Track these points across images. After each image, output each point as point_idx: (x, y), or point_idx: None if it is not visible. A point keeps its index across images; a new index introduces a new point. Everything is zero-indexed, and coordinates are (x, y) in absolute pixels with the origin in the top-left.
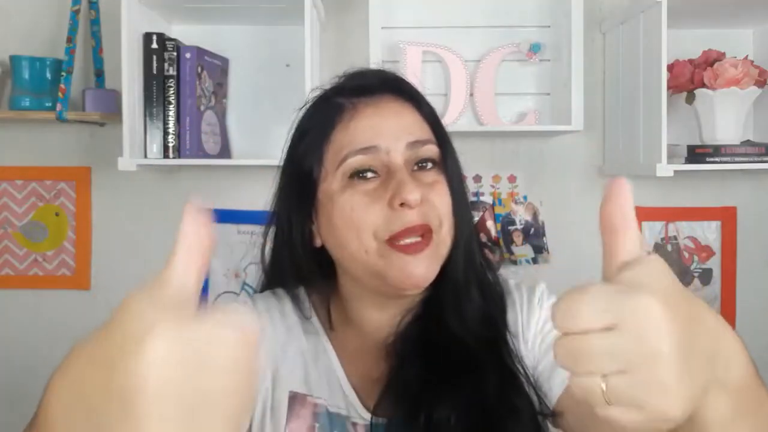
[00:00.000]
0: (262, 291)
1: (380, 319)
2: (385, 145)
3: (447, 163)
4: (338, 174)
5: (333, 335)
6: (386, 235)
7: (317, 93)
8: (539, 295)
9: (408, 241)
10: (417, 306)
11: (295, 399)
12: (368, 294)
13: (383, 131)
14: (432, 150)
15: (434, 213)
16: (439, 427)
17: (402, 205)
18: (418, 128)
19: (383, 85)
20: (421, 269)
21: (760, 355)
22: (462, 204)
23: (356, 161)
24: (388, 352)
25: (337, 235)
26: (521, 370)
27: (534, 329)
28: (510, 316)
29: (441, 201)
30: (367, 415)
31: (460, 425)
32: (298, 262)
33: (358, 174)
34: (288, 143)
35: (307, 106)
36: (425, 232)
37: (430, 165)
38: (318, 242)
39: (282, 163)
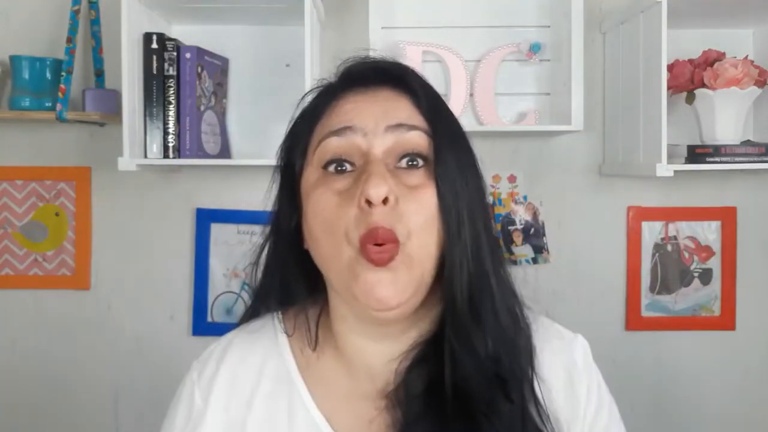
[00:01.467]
0: (250, 313)
1: (373, 352)
2: (361, 125)
3: (444, 164)
4: (314, 162)
5: (312, 374)
6: (356, 238)
7: (313, 86)
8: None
9: (373, 247)
10: (419, 346)
11: None
12: (354, 315)
13: (362, 111)
14: (420, 140)
15: (402, 222)
16: None
17: (369, 203)
18: (406, 114)
19: (379, 74)
20: (386, 290)
21: (760, 355)
22: (462, 220)
23: (329, 145)
24: (388, 401)
25: (315, 237)
26: (544, 425)
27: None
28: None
29: (414, 210)
30: None
31: None
32: (290, 268)
33: (334, 165)
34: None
35: (302, 101)
36: (388, 240)
37: (420, 163)
38: (307, 243)
39: (278, 158)
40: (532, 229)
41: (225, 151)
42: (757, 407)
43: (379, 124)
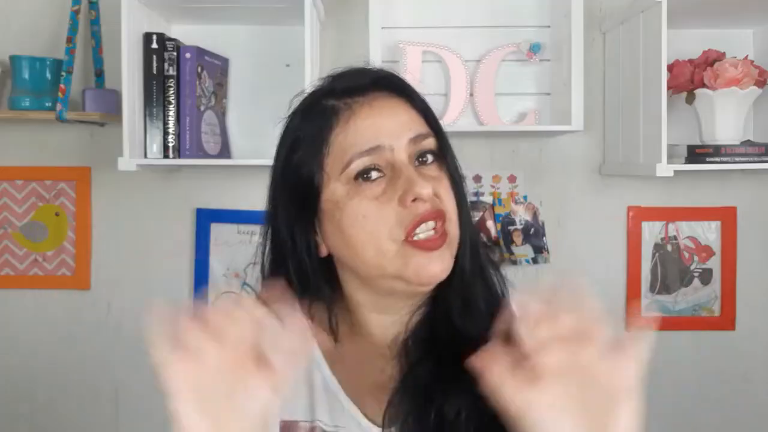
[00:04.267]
0: None
1: (386, 322)
2: (388, 143)
3: (446, 155)
4: (342, 178)
5: (330, 349)
6: (402, 233)
7: (305, 98)
8: None
9: (423, 235)
10: (424, 304)
11: (286, 428)
12: (377, 298)
13: (383, 130)
14: (432, 142)
15: (443, 206)
16: (449, 424)
17: (414, 200)
18: (416, 123)
19: (374, 83)
20: (439, 265)
21: (760, 355)
22: (463, 199)
23: (362, 163)
24: (397, 354)
25: (351, 243)
26: None
27: None
28: None
29: (447, 195)
30: (373, 428)
31: (471, 421)
32: (305, 274)
33: (362, 175)
34: (280, 152)
35: (296, 111)
36: (439, 218)
37: (430, 158)
38: (323, 251)
39: (274, 174)
40: (532, 229)
41: (225, 151)
42: (757, 407)
43: (402, 138)
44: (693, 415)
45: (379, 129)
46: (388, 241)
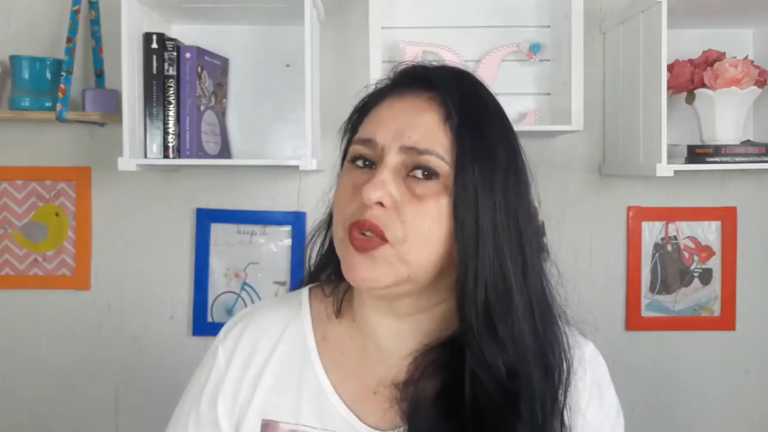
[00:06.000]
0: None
1: (389, 327)
2: (382, 141)
3: (465, 181)
4: (348, 156)
5: (329, 349)
6: (348, 224)
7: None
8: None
9: (357, 234)
10: (432, 348)
11: (267, 427)
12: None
13: (386, 127)
14: (433, 162)
15: (399, 225)
16: None
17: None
18: (427, 135)
19: (421, 80)
20: (361, 269)
21: (760, 355)
22: (478, 235)
23: (356, 150)
24: (396, 391)
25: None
26: None
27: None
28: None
29: (414, 217)
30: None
31: None
32: (324, 259)
33: (357, 160)
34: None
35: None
36: (374, 233)
37: (420, 174)
38: None
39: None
40: None
41: (225, 151)
42: (757, 407)
43: (395, 141)
44: (693, 415)
45: (383, 124)
46: (340, 229)
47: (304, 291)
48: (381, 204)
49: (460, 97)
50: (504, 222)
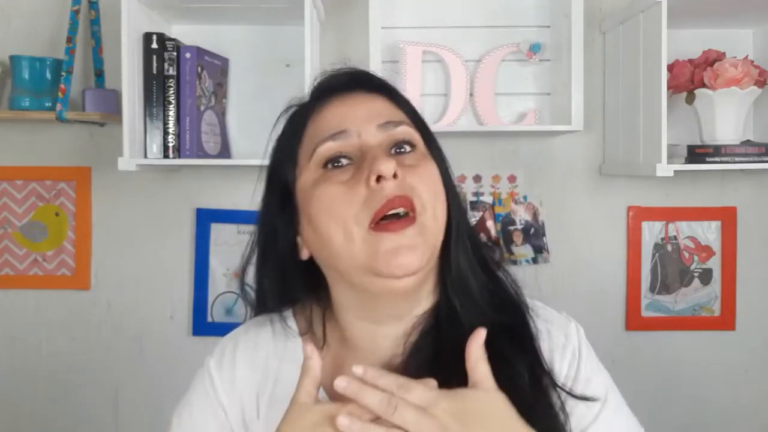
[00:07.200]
0: (255, 313)
1: (377, 335)
2: (355, 128)
3: (431, 149)
4: (311, 166)
5: (324, 356)
6: (368, 217)
7: (290, 102)
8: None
9: (390, 220)
10: (422, 321)
11: None
12: (362, 301)
13: (351, 116)
14: (408, 131)
15: (415, 194)
16: None
17: (379, 179)
18: (390, 112)
19: (350, 82)
20: (406, 249)
21: (760, 355)
22: (453, 192)
23: (327, 148)
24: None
25: (320, 232)
26: (548, 375)
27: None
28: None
29: (422, 183)
30: None
31: None
32: (288, 277)
33: (332, 162)
34: (269, 157)
35: (281, 115)
36: (406, 205)
37: (408, 149)
38: (305, 254)
39: (265, 177)
40: (532, 229)
41: (225, 151)
42: (757, 407)
43: (370, 123)
44: (693, 414)
45: (347, 115)
46: (354, 226)
47: (277, 320)
48: (394, 176)
49: (384, 83)
50: (452, 181)
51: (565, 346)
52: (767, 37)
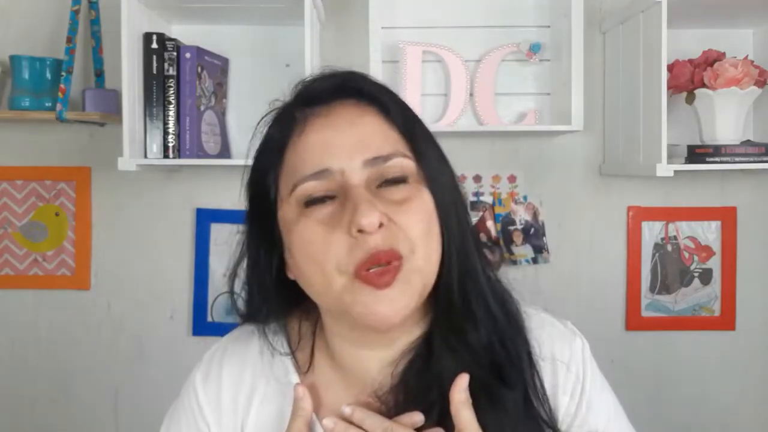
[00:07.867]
0: (243, 321)
1: (365, 358)
2: (338, 166)
3: (426, 172)
4: (292, 201)
5: (310, 377)
6: (351, 267)
7: (275, 104)
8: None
9: (374, 270)
10: (411, 348)
11: None
12: (348, 331)
13: (335, 148)
14: (399, 164)
15: (402, 236)
16: None
17: (360, 231)
18: (380, 138)
19: (338, 90)
20: (386, 305)
21: (760, 355)
22: (451, 215)
23: (308, 188)
24: (385, 401)
25: (301, 270)
26: (544, 412)
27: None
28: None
29: (411, 221)
30: None
31: None
32: (277, 292)
33: (312, 201)
34: (252, 157)
35: (266, 118)
36: (392, 260)
37: (397, 179)
38: (292, 275)
39: (246, 179)
40: (532, 229)
41: (225, 151)
42: (757, 407)
43: (355, 158)
44: (693, 415)
45: (329, 148)
46: (335, 273)
47: (263, 335)
48: (380, 225)
49: (376, 89)
50: (457, 199)
51: (569, 369)
52: (767, 37)
